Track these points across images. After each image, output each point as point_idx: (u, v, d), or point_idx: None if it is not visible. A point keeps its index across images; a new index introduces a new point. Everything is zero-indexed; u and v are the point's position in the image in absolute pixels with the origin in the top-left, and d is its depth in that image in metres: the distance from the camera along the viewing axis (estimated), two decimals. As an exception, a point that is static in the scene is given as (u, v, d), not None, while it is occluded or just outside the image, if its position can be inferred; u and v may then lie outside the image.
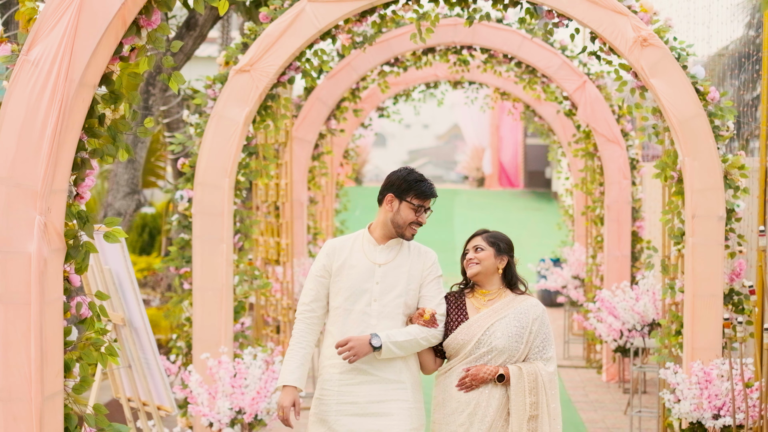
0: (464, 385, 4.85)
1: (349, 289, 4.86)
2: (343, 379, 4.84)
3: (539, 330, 4.92)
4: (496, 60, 10.60)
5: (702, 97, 6.73)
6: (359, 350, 4.74)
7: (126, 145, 3.99)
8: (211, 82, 7.20)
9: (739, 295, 6.79)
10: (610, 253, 10.38)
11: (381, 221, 4.95)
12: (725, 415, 6.32)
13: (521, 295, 5.02)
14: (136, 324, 6.05)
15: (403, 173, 4.93)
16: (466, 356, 4.89)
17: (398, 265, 4.90)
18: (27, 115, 3.69)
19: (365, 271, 4.88)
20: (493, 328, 4.88)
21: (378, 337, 4.75)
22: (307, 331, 4.93)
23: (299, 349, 4.91)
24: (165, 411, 6.25)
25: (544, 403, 4.82)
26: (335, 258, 4.92)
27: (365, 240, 4.96)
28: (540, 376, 4.83)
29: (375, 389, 4.81)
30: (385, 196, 4.93)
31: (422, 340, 4.85)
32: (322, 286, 4.93)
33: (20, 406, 3.71)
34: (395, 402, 4.81)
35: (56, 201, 3.76)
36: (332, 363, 4.87)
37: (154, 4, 3.80)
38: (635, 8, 6.80)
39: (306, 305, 4.95)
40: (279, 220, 9.84)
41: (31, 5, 3.82)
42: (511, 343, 4.85)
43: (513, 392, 4.80)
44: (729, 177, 6.75)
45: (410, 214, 4.88)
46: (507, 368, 4.84)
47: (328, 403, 4.85)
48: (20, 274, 3.69)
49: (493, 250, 4.99)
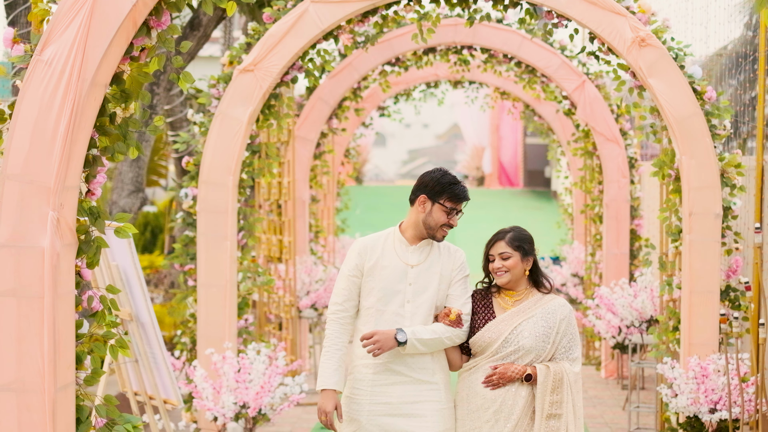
0: (491, 382, 4.83)
1: (381, 290, 4.81)
2: (377, 379, 4.80)
3: (566, 330, 4.89)
4: (496, 60, 10.70)
5: (699, 97, 6.83)
6: (384, 344, 4.70)
7: (136, 142, 4.09)
8: (215, 82, 7.31)
9: (735, 291, 6.89)
10: (608, 251, 10.49)
11: (412, 221, 4.89)
12: (721, 409, 6.41)
13: (548, 295, 4.97)
14: (143, 319, 6.15)
15: (437, 175, 4.87)
16: (492, 354, 4.87)
17: (430, 266, 4.86)
18: (40, 113, 3.78)
19: (398, 272, 4.84)
20: (521, 328, 4.85)
21: (403, 332, 4.72)
22: (341, 331, 4.87)
23: (335, 351, 4.84)
24: (171, 404, 6.36)
25: (569, 402, 4.80)
26: (367, 257, 4.86)
27: (396, 240, 4.90)
28: (566, 375, 4.81)
29: (409, 390, 4.78)
30: (417, 197, 4.86)
31: (447, 340, 4.82)
32: (354, 286, 4.87)
33: (33, 396, 3.80)
34: (428, 403, 4.79)
35: (68, 197, 3.85)
36: (365, 363, 4.83)
37: (164, 6, 3.90)
38: (633, 9, 6.90)
39: (339, 305, 4.89)
40: (281, 218, 9.94)
41: (43, 6, 3.91)
42: (538, 343, 4.83)
43: (539, 391, 4.79)
44: (726, 175, 6.84)
45: (442, 217, 4.83)
46: (534, 368, 4.82)
47: (361, 402, 4.80)
48: (33, 268, 3.78)
49: (519, 255, 4.91)
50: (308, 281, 10.26)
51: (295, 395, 6.76)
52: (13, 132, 3.79)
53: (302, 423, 8.97)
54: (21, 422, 3.80)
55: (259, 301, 9.33)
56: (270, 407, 6.73)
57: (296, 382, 6.80)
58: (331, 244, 13.03)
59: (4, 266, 3.78)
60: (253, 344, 6.88)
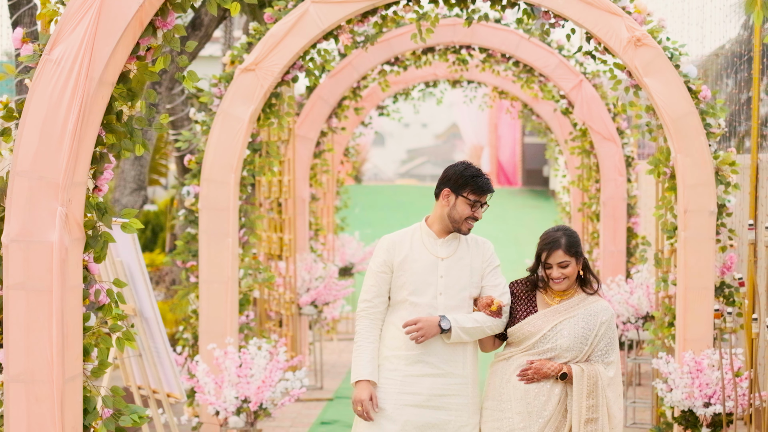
0: (525, 376, 4.84)
1: (414, 283, 4.85)
2: (409, 370, 4.82)
3: (605, 334, 4.89)
4: (495, 59, 10.80)
5: (694, 96, 6.92)
6: (428, 331, 4.75)
7: (142, 140, 4.20)
8: (217, 81, 7.41)
9: (730, 287, 6.99)
10: (605, 248, 10.59)
11: (438, 215, 4.92)
12: (715, 403, 6.51)
13: (592, 296, 4.95)
14: (147, 314, 6.25)
15: (460, 168, 4.90)
16: (528, 348, 4.89)
17: (460, 258, 4.90)
18: (49, 111, 3.88)
19: (429, 264, 4.87)
20: (561, 326, 4.86)
21: (447, 320, 4.77)
22: (372, 326, 4.91)
23: (367, 344, 4.88)
24: (174, 398, 6.45)
25: (603, 405, 4.80)
26: (396, 253, 4.89)
27: (424, 234, 4.93)
28: (600, 379, 4.81)
29: (439, 383, 4.82)
30: (441, 191, 4.90)
31: (488, 329, 4.87)
32: (384, 282, 4.89)
33: (42, 387, 3.91)
34: (455, 397, 4.84)
35: (76, 193, 3.96)
36: (397, 354, 4.85)
37: (169, 6, 4.00)
38: (629, 9, 6.99)
39: (368, 302, 4.92)
40: (282, 216, 10.04)
41: (52, 7, 4.02)
42: (576, 344, 4.84)
43: (574, 392, 4.80)
44: (720, 173, 6.94)
45: (466, 209, 4.85)
46: (570, 367, 4.83)
47: (388, 392, 4.82)
48: (42, 262, 3.89)
49: (575, 260, 4.89)
50: (308, 278, 10.36)
51: (296, 390, 6.85)
52: (22, 129, 3.89)
53: (303, 418, 9.08)
54: (30, 412, 3.91)
55: (259, 298, 9.43)
56: (271, 402, 6.82)
57: (297, 377, 6.89)
58: (331, 242, 13.13)
59: (14, 260, 3.89)
60: (254, 340, 6.97)
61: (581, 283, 4.98)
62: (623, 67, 7.15)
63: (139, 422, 4.13)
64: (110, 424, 4.11)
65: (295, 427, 8.80)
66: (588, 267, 4.98)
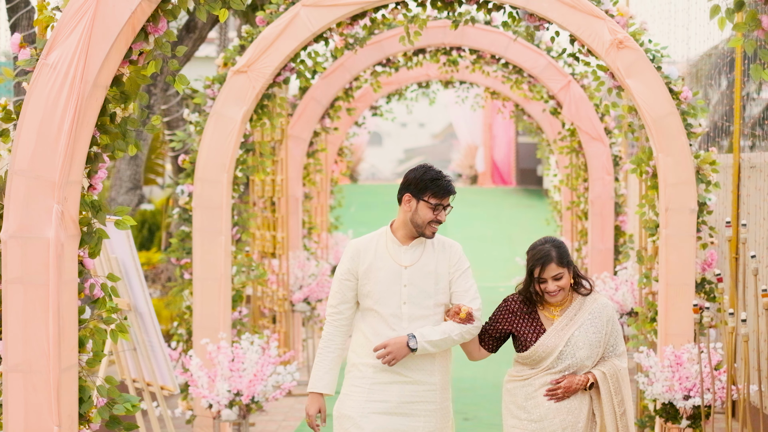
0: (555, 395, 4.83)
1: (378, 292, 4.79)
2: (377, 378, 4.79)
3: (612, 330, 4.91)
4: (484, 60, 10.97)
5: (675, 97, 7.08)
6: (398, 353, 4.71)
7: (135, 140, 4.37)
8: (210, 83, 7.58)
9: (710, 283, 7.15)
10: (593, 246, 10.78)
11: (401, 221, 4.85)
12: (695, 396, 6.69)
13: (588, 296, 4.94)
14: (141, 309, 6.43)
15: (420, 172, 4.81)
16: (549, 368, 4.87)
17: (424, 265, 4.83)
18: (45, 113, 4.05)
19: (392, 274, 4.80)
20: (574, 339, 4.84)
21: (414, 338, 4.72)
22: (335, 333, 4.89)
23: (328, 353, 4.87)
24: (168, 390, 6.63)
25: (628, 396, 4.87)
26: (360, 261, 4.84)
27: (389, 240, 4.86)
28: (619, 372, 4.85)
29: (407, 390, 4.79)
30: (403, 196, 4.83)
31: (457, 337, 4.80)
32: (348, 289, 4.86)
33: (39, 377, 4.07)
34: (424, 403, 4.81)
35: (72, 191, 4.13)
36: (365, 362, 4.82)
37: (160, 13, 4.17)
38: (612, 12, 7.15)
39: (333, 308, 4.90)
40: (275, 214, 10.22)
41: (48, 13, 4.19)
42: (593, 351, 4.84)
43: (603, 396, 4.82)
44: (701, 172, 7.11)
45: (428, 214, 4.78)
46: (594, 375, 4.83)
47: (356, 399, 4.80)
48: (39, 257, 4.05)
49: (567, 269, 4.87)
50: (301, 276, 10.53)
51: (287, 383, 7.01)
52: (20, 130, 4.06)
53: (295, 413, 9.24)
54: (28, 401, 4.07)
55: (253, 295, 9.62)
56: (263, 395, 6.99)
57: (288, 371, 7.05)
58: (325, 241, 13.31)
59: (12, 255, 4.05)
60: (246, 335, 7.14)
61: (574, 287, 4.94)
62: (606, 68, 7.32)
63: (132, 410, 4.30)
64: (104, 412, 4.28)
65: (287, 421, 8.97)
66: (578, 272, 4.95)
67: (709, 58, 12.37)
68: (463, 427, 8.80)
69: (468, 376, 10.70)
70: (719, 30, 3.95)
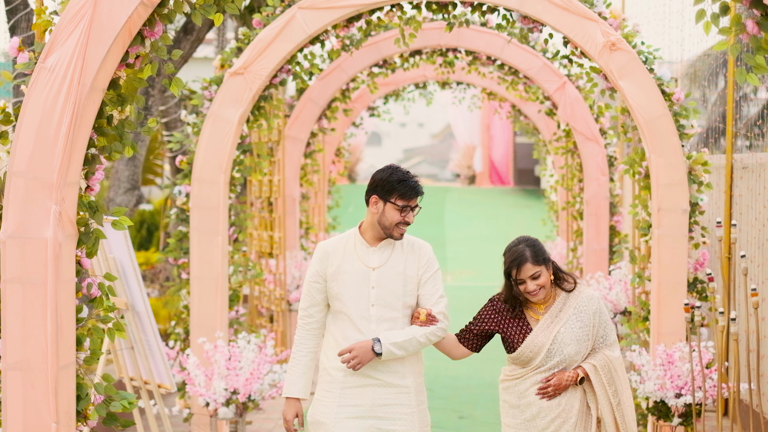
0: (547, 394, 4.84)
1: (345, 295, 4.75)
2: (347, 382, 4.75)
3: (599, 321, 4.89)
4: (480, 62, 11.05)
5: (667, 98, 7.16)
6: (363, 358, 4.67)
7: (132, 142, 4.45)
8: (207, 84, 7.66)
9: (702, 283, 7.23)
10: (588, 246, 10.86)
11: (369, 222, 4.81)
12: (686, 394, 6.77)
13: (574, 290, 4.92)
14: (138, 308, 6.50)
15: (386, 174, 4.76)
16: (538, 366, 4.87)
17: (393, 266, 4.78)
18: (43, 116, 4.12)
19: (360, 276, 4.76)
20: (561, 336, 4.83)
21: (379, 342, 4.68)
22: (307, 337, 4.86)
23: (301, 357, 4.85)
24: (165, 388, 6.71)
25: (621, 385, 4.87)
26: (329, 263, 4.80)
27: (357, 242, 4.82)
28: (611, 363, 4.85)
29: (379, 393, 4.75)
30: (370, 198, 4.78)
31: (422, 339, 4.75)
32: (318, 292, 4.82)
33: (37, 374, 4.14)
34: (398, 407, 4.76)
35: (70, 192, 4.20)
36: (335, 366, 4.78)
37: (156, 17, 4.25)
38: (605, 14, 7.24)
39: (304, 310, 4.87)
40: (272, 214, 10.30)
41: (46, 18, 4.27)
42: (581, 346, 4.84)
43: (596, 389, 4.83)
44: (693, 173, 7.19)
45: (396, 215, 4.73)
46: (584, 369, 4.84)
47: (329, 405, 4.76)
48: (37, 257, 4.12)
49: (545, 267, 4.86)
50: (298, 275, 10.61)
51: (283, 382, 7.09)
52: (19, 132, 4.14)
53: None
54: (26, 398, 4.14)
55: (250, 294, 9.69)
56: (259, 393, 7.07)
57: (284, 369, 7.13)
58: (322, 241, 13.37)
59: (11, 255, 4.12)
60: (243, 334, 7.22)
61: (557, 284, 4.94)
62: (599, 70, 7.40)
63: (129, 408, 4.38)
64: (102, 409, 4.36)
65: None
66: (558, 268, 4.95)
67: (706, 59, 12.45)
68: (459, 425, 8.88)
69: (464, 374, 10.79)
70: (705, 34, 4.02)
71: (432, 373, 10.77)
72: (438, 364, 10.99)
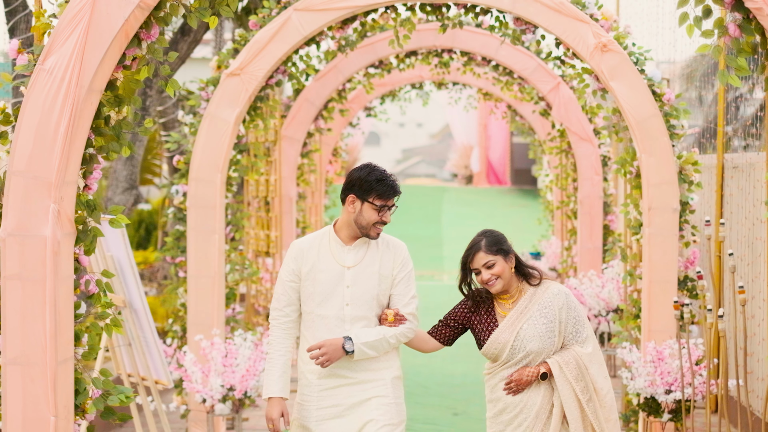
0: (511, 390, 4.86)
1: (320, 294, 4.72)
2: (322, 383, 4.75)
3: (568, 316, 4.87)
4: (475, 62, 11.14)
5: (658, 99, 7.25)
6: (332, 355, 4.64)
7: (128, 142, 4.54)
8: (204, 85, 7.75)
9: (692, 281, 7.31)
10: (582, 245, 10.96)
11: (345, 221, 4.77)
12: (676, 390, 6.86)
13: (540, 286, 4.92)
14: (136, 306, 6.60)
15: (364, 173, 4.73)
16: (505, 362, 4.88)
17: (368, 266, 4.76)
18: (42, 116, 4.20)
19: (335, 275, 4.73)
20: (523, 333, 4.83)
21: (351, 341, 4.66)
22: (283, 336, 4.82)
23: (279, 356, 4.81)
24: (162, 385, 6.81)
25: (596, 382, 4.85)
26: (303, 262, 4.76)
27: (332, 241, 4.79)
28: (581, 359, 4.83)
29: (356, 390, 4.74)
30: (347, 197, 4.74)
31: (392, 339, 4.75)
32: (293, 291, 4.78)
33: (36, 369, 4.22)
34: (375, 399, 4.74)
35: (68, 191, 4.28)
36: (309, 369, 4.77)
37: (153, 20, 4.34)
38: (597, 16, 7.33)
39: (279, 310, 4.82)
40: (269, 214, 10.40)
41: (45, 20, 4.37)
42: (545, 342, 4.83)
43: (558, 385, 4.82)
44: (683, 172, 7.28)
45: (373, 215, 4.70)
46: (547, 364, 4.84)
47: (308, 408, 4.76)
48: (36, 254, 4.20)
49: (501, 257, 4.85)
50: (295, 275, 10.68)
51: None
52: (18, 133, 4.22)
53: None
54: (26, 392, 4.22)
55: (247, 293, 9.79)
56: (255, 390, 7.16)
57: (280, 366, 7.21)
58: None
59: (11, 253, 4.20)
60: (239, 331, 7.31)
61: (525, 278, 4.94)
62: (591, 71, 7.49)
63: (126, 402, 4.47)
64: (99, 403, 4.45)
65: (280, 416, 9.11)
66: (521, 262, 4.94)
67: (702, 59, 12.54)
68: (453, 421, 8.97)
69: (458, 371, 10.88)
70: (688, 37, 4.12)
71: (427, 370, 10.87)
72: (433, 362, 11.09)
